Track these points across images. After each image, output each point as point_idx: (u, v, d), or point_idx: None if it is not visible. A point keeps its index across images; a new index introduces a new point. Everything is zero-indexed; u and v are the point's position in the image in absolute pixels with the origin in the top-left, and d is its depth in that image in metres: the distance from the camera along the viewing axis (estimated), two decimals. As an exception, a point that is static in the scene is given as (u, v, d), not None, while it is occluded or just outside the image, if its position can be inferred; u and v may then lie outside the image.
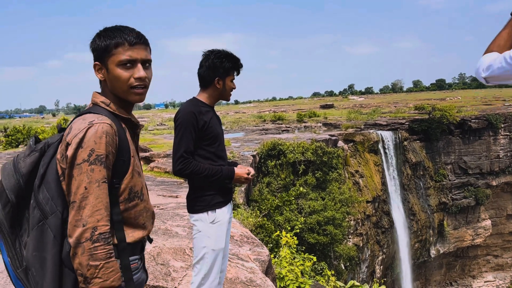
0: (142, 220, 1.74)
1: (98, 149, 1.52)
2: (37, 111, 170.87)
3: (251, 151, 16.28)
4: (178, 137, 2.62)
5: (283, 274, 4.96)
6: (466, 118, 31.43)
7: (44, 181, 1.58)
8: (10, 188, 1.59)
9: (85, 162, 1.50)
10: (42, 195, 1.56)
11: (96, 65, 1.69)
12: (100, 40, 1.66)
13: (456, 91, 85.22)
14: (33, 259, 1.54)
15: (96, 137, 1.52)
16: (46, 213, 1.54)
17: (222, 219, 2.73)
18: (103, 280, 1.49)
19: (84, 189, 1.49)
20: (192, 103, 2.75)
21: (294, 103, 75.36)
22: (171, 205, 6.77)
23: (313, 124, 32.20)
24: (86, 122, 1.55)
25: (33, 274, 1.54)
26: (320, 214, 15.78)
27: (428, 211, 29.91)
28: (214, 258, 2.67)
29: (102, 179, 1.53)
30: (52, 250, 1.53)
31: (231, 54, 2.80)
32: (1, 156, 13.98)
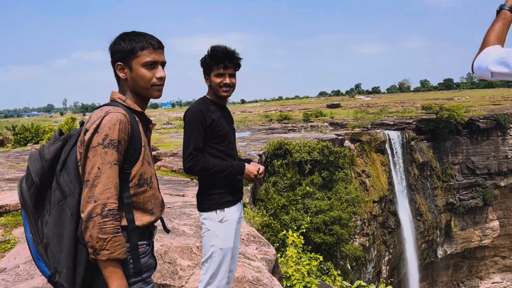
0: (151, 206, 1.91)
1: (112, 134, 1.71)
2: (45, 110, 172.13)
3: (257, 150, 16.27)
4: (187, 135, 2.65)
5: (289, 273, 4.96)
6: (474, 118, 31.18)
7: (65, 166, 1.77)
8: (35, 172, 1.79)
9: (100, 145, 1.69)
10: (63, 178, 1.75)
11: (119, 65, 1.89)
12: (125, 43, 1.87)
13: (464, 91, 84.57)
14: (52, 235, 1.72)
15: (110, 124, 1.71)
16: (65, 193, 1.73)
17: (230, 218, 2.73)
18: (110, 252, 1.66)
19: (97, 169, 1.68)
20: (201, 101, 2.77)
21: (300, 103, 75.23)
22: (178, 204, 6.79)
23: (320, 124, 32.11)
24: (103, 112, 1.75)
25: (51, 249, 1.72)
26: (326, 213, 15.74)
27: (435, 211, 29.73)
28: (222, 257, 2.67)
29: (114, 161, 1.71)
30: (68, 227, 1.71)
31: (214, 48, 2.74)
32: (10, 154, 14.10)
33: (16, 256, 4.17)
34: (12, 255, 4.22)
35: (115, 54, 1.90)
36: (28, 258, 4.03)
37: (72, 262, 1.70)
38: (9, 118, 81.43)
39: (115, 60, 1.90)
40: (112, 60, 1.92)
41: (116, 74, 1.94)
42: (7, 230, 4.94)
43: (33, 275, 3.64)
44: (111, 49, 1.91)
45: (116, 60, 1.90)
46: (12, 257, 4.15)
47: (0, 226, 5.05)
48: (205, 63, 2.76)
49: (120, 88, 1.95)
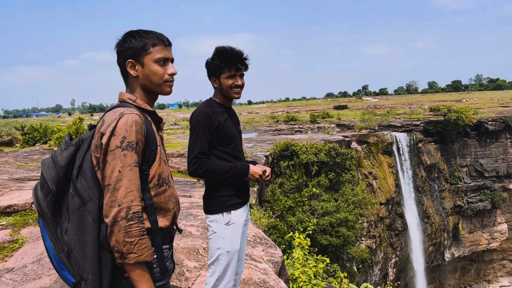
0: (172, 205, 1.92)
1: (129, 136, 1.69)
2: (53, 110, 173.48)
3: (264, 151, 16.27)
4: (192, 138, 2.62)
5: (296, 275, 4.94)
6: (482, 120, 30.93)
7: (81, 172, 1.74)
8: (51, 179, 1.76)
9: (118, 148, 1.67)
10: (80, 184, 1.72)
11: (130, 62, 1.87)
12: (136, 40, 1.86)
13: (472, 93, 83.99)
14: (74, 243, 1.69)
15: (127, 125, 1.69)
16: (84, 199, 1.70)
17: (237, 220, 2.70)
18: (137, 255, 1.65)
19: (118, 173, 1.66)
20: (207, 104, 2.74)
21: (307, 104, 75.14)
22: (185, 205, 6.79)
23: (327, 125, 32.02)
24: (117, 114, 1.73)
25: (74, 256, 1.69)
26: (333, 215, 15.68)
27: (442, 214, 29.51)
28: (229, 260, 2.65)
29: (134, 163, 1.69)
30: (91, 233, 1.68)
31: (224, 50, 2.69)
32: (18, 153, 14.21)
33: (24, 256, 4.20)
34: (20, 255, 4.24)
35: (124, 52, 1.88)
36: (36, 258, 4.06)
37: (97, 268, 1.68)
38: (18, 118, 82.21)
39: (125, 57, 1.88)
40: (120, 58, 1.90)
41: (125, 72, 1.92)
42: (15, 230, 4.97)
43: (40, 275, 3.66)
44: (119, 47, 1.89)
45: (126, 58, 1.88)
46: (20, 257, 4.17)
47: (9, 226, 5.08)
48: (213, 65, 2.70)
49: (129, 87, 1.93)
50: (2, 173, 9.00)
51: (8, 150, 16.12)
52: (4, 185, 7.29)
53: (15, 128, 26.70)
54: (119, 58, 1.90)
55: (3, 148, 17.52)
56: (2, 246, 4.40)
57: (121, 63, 1.90)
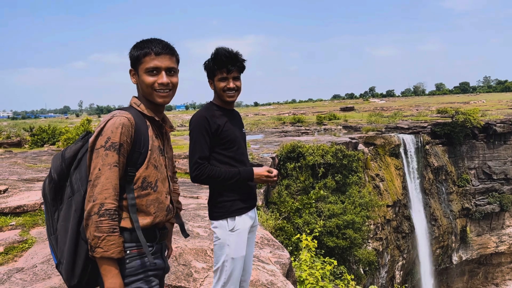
0: (153, 209, 1.94)
1: (114, 137, 1.78)
2: (61, 112, 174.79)
3: (270, 153, 16.26)
4: (192, 143, 2.57)
5: (303, 277, 4.94)
6: (491, 122, 30.70)
7: (79, 165, 1.88)
8: (55, 169, 1.91)
9: (102, 148, 1.78)
10: (75, 176, 1.86)
11: (131, 71, 2.02)
12: (134, 51, 1.97)
13: (480, 95, 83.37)
14: (60, 228, 1.85)
15: (113, 127, 1.79)
16: (74, 190, 1.84)
17: (242, 227, 2.62)
18: (104, 251, 1.72)
19: (98, 170, 1.76)
20: (206, 107, 2.68)
21: (314, 106, 75.03)
22: (192, 206, 6.81)
23: (333, 127, 31.94)
24: (109, 115, 1.86)
25: (58, 241, 1.85)
26: (340, 217, 15.63)
27: (450, 216, 29.31)
28: (234, 266, 2.58)
29: (114, 163, 1.78)
30: (72, 221, 1.81)
31: (217, 52, 2.61)
32: (27, 154, 14.33)
33: (34, 256, 4.23)
34: (29, 255, 4.28)
35: (130, 60, 2.01)
36: (45, 258, 4.09)
37: (72, 255, 1.79)
38: (26, 119, 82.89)
39: (131, 66, 2.02)
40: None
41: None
42: (25, 230, 5.02)
43: (50, 275, 3.69)
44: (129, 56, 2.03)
45: (131, 66, 2.02)
46: (30, 257, 4.21)
47: (18, 226, 5.13)
48: (208, 67, 2.65)
49: (138, 93, 2.05)
50: (11, 173, 9.08)
51: (17, 151, 16.27)
52: (14, 185, 7.36)
53: (24, 129, 26.94)
54: None
55: (12, 149, 17.68)
56: (12, 246, 4.44)
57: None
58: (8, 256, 4.23)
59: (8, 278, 3.66)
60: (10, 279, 3.63)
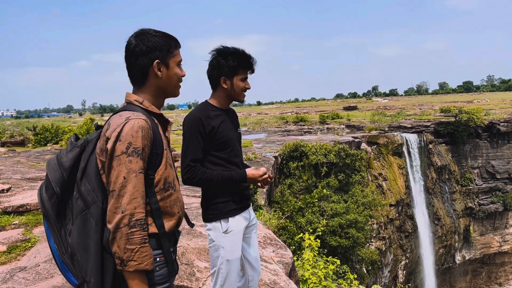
0: (177, 209, 1.89)
1: (135, 142, 1.66)
2: (64, 111, 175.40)
3: (273, 152, 16.24)
4: (185, 145, 2.49)
5: (306, 276, 4.93)
6: (494, 121, 30.58)
7: (85, 174, 1.72)
8: (56, 181, 1.75)
9: (124, 154, 1.64)
10: (84, 187, 1.71)
11: (158, 63, 1.84)
12: (162, 40, 1.84)
13: (484, 94, 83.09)
14: (77, 246, 1.69)
15: (133, 131, 1.66)
16: (88, 203, 1.69)
17: (235, 228, 2.58)
18: (137, 263, 1.63)
19: (123, 179, 1.63)
20: (201, 107, 2.60)
21: (316, 105, 74.95)
22: (195, 205, 6.81)
23: (336, 126, 31.90)
24: (123, 118, 1.70)
25: (77, 259, 1.69)
26: (343, 217, 15.60)
27: (453, 216, 29.23)
28: (229, 268, 2.55)
29: (139, 169, 1.67)
30: (94, 236, 1.67)
31: (238, 51, 2.58)
32: (30, 153, 14.37)
33: (37, 255, 4.24)
34: (32, 253, 4.28)
35: (150, 52, 1.82)
36: (48, 257, 4.09)
37: (99, 271, 1.67)
38: (29, 118, 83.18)
39: (152, 58, 1.82)
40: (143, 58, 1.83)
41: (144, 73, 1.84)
42: (28, 229, 5.02)
43: (53, 274, 3.69)
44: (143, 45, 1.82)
45: (153, 58, 1.82)
46: (33, 256, 4.21)
47: (21, 225, 5.14)
48: (228, 65, 2.55)
49: (143, 87, 1.87)
50: (14, 172, 9.10)
51: (20, 150, 16.32)
52: (17, 184, 7.38)
53: (27, 128, 27.03)
54: (142, 58, 1.82)
55: (16, 148, 17.73)
56: (14, 245, 4.45)
57: (143, 63, 1.83)
58: (11, 255, 4.23)
59: (11, 277, 3.66)
60: (13, 278, 3.63)
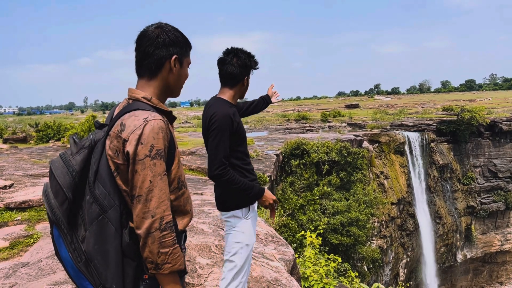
0: (189, 206, 1.89)
1: (157, 144, 1.62)
2: (66, 108, 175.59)
3: (274, 150, 16.25)
4: (216, 141, 2.61)
5: (307, 274, 4.93)
6: (497, 120, 30.51)
7: (98, 177, 1.66)
8: (67, 186, 1.67)
9: (147, 158, 1.60)
10: (98, 191, 1.65)
11: (176, 57, 1.82)
12: (183, 38, 1.86)
13: (486, 92, 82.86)
14: (95, 252, 1.64)
15: (154, 133, 1.62)
16: (104, 207, 1.63)
17: (253, 215, 2.83)
18: (172, 265, 1.63)
19: (149, 183, 1.60)
20: (224, 104, 2.74)
21: (318, 103, 74.85)
22: (196, 202, 6.82)
23: (338, 124, 31.87)
24: (140, 119, 1.64)
25: (96, 266, 1.64)
26: (344, 215, 15.61)
27: (455, 214, 29.21)
28: (248, 253, 2.73)
29: (163, 172, 1.64)
30: (114, 242, 1.63)
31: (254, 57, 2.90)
32: (32, 150, 14.41)
33: (39, 250, 4.25)
34: (35, 249, 4.30)
35: (172, 46, 1.81)
36: (51, 253, 4.11)
37: (121, 277, 1.65)
38: (32, 115, 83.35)
39: (172, 52, 1.80)
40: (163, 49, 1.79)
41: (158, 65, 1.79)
42: (30, 225, 5.04)
43: (55, 270, 3.70)
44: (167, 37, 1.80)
45: (173, 52, 1.80)
46: (35, 252, 4.23)
47: (24, 221, 5.16)
48: (250, 66, 2.85)
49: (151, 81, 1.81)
50: (17, 169, 9.13)
51: (23, 147, 16.36)
52: (19, 181, 7.40)
53: (29, 125, 27.11)
54: (162, 50, 1.78)
55: (18, 144, 17.77)
56: (17, 241, 4.47)
57: (163, 54, 1.79)
58: (13, 250, 4.25)
59: (14, 272, 3.68)
60: (16, 274, 3.65)
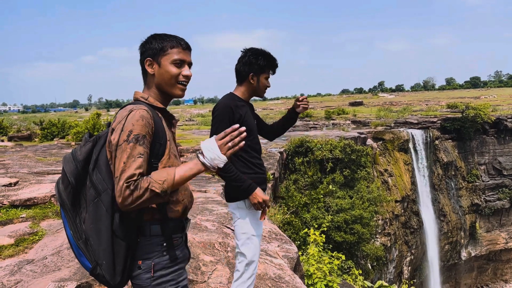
0: (182, 196, 2.00)
1: (135, 130, 1.78)
2: (70, 106, 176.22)
3: (278, 147, 16.24)
4: (214, 129, 2.75)
5: (311, 271, 4.94)
6: (501, 117, 30.34)
7: (97, 165, 1.87)
8: (70, 172, 1.89)
9: (125, 142, 1.77)
10: (95, 177, 1.85)
11: (148, 60, 2.00)
12: (156, 42, 2.00)
13: (491, 89, 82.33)
14: (90, 231, 1.84)
15: (133, 120, 1.80)
16: (99, 191, 1.83)
17: None
18: (164, 181, 1.76)
19: (123, 164, 1.74)
20: (229, 97, 2.88)
21: (322, 100, 74.66)
22: (200, 200, 6.84)
23: (342, 122, 31.79)
24: (127, 110, 1.85)
25: (91, 244, 1.83)
26: (348, 212, 15.59)
27: (459, 212, 29.11)
28: (256, 243, 2.79)
29: (137, 154, 1.77)
30: (105, 222, 1.81)
31: (267, 53, 2.92)
32: (37, 148, 14.48)
33: (44, 248, 4.28)
34: (40, 246, 4.33)
35: (145, 52, 2.01)
36: (55, 250, 4.13)
37: (111, 254, 1.81)
38: (36, 113, 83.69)
39: (145, 56, 2.01)
40: (141, 57, 2.03)
41: (144, 71, 2.03)
42: (35, 222, 5.07)
43: (60, 267, 3.73)
44: (142, 47, 2.03)
45: (146, 56, 2.01)
46: (40, 249, 4.25)
47: (28, 218, 5.19)
48: (258, 64, 2.87)
49: (146, 85, 2.04)
50: (22, 167, 9.18)
51: (27, 145, 16.43)
52: (24, 178, 7.45)
53: (34, 123, 27.22)
54: (141, 58, 2.03)
55: (23, 142, 17.86)
56: (22, 238, 4.50)
57: (141, 61, 2.03)
58: (18, 248, 4.28)
59: (19, 269, 3.71)
60: (21, 271, 3.67)
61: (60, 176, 1.97)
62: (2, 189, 6.31)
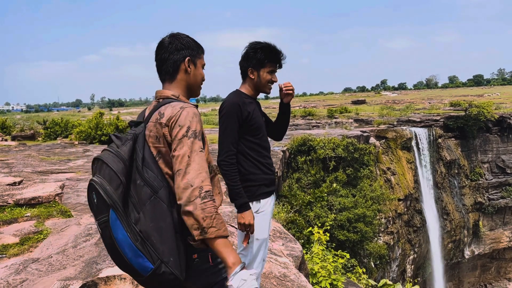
0: (217, 189, 2.10)
1: (192, 126, 1.87)
2: (73, 105, 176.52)
3: (281, 146, 16.23)
4: (223, 127, 2.68)
5: (315, 270, 4.93)
6: (505, 115, 30.25)
7: (145, 163, 1.90)
8: (120, 171, 1.86)
9: (185, 137, 1.84)
10: (147, 174, 1.87)
11: (189, 59, 2.08)
12: (194, 42, 2.12)
13: (494, 87, 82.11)
14: (151, 230, 1.82)
15: (189, 117, 1.88)
16: (155, 188, 1.85)
17: (266, 209, 2.78)
18: (217, 229, 1.76)
19: (188, 158, 1.81)
20: (236, 94, 2.78)
21: (325, 99, 74.63)
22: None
23: (344, 120, 31.76)
24: (177, 107, 1.91)
25: (152, 243, 1.81)
26: (351, 211, 15.58)
27: (462, 210, 29.05)
28: (258, 247, 2.71)
29: (199, 149, 1.86)
30: (167, 219, 1.84)
31: (268, 46, 2.76)
32: (41, 147, 14.51)
33: (49, 246, 4.29)
34: (44, 245, 4.34)
35: (184, 50, 2.08)
36: (60, 248, 4.14)
37: (177, 250, 1.84)
38: (39, 112, 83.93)
39: (185, 54, 2.07)
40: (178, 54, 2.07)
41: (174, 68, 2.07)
42: (40, 221, 5.08)
43: (65, 266, 3.73)
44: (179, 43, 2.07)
45: (185, 55, 2.07)
46: (45, 248, 4.26)
47: (33, 217, 5.20)
48: (256, 57, 2.75)
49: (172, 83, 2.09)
50: (25, 166, 9.21)
51: (31, 144, 16.48)
52: (28, 177, 7.47)
53: (37, 122, 27.32)
54: (175, 54, 2.06)
55: (26, 141, 17.91)
56: (27, 237, 4.51)
57: (176, 58, 2.07)
58: (23, 246, 4.29)
59: (24, 268, 3.72)
60: (26, 269, 3.68)
61: (96, 177, 1.89)
62: (7, 188, 6.32)
